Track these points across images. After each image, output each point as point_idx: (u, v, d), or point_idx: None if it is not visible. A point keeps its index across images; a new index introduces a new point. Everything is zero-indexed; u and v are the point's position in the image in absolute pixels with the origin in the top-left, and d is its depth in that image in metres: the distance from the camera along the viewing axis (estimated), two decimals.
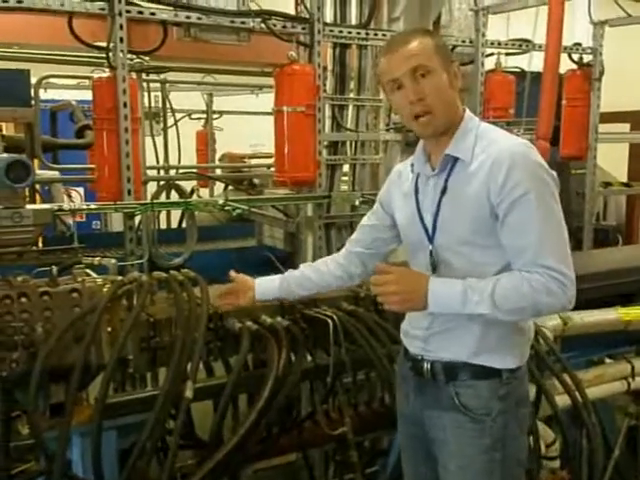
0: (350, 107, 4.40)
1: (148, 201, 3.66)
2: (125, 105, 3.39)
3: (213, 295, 2.36)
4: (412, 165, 1.99)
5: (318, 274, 2.21)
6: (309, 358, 2.46)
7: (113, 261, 2.49)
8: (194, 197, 5.35)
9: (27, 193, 5.05)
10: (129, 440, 2.13)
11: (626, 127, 6.63)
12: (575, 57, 5.23)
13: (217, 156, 7.60)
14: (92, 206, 3.42)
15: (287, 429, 2.49)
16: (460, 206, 1.83)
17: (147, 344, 2.22)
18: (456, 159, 1.85)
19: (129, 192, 3.45)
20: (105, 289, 2.21)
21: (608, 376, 2.98)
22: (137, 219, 3.78)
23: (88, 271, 2.33)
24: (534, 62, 4.70)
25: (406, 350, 2.03)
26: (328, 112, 4.25)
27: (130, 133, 3.43)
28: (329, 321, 2.35)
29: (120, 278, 2.29)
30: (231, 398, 2.27)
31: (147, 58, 4.34)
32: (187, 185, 5.57)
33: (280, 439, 2.48)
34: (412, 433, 2.06)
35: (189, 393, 2.01)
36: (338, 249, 2.32)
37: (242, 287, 2.26)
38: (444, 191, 1.87)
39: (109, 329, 2.17)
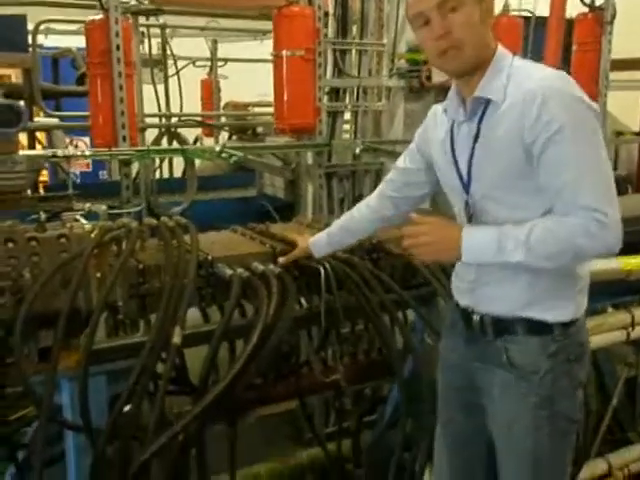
0: (352, 52, 4.28)
1: (143, 147, 3.60)
2: (118, 48, 3.31)
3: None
4: (445, 111, 1.89)
5: (354, 223, 2.27)
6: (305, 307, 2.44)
7: (103, 207, 2.46)
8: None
9: (26, 141, 5.04)
10: (121, 386, 2.12)
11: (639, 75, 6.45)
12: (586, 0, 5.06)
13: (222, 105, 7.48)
14: (86, 153, 3.38)
15: (284, 376, 2.49)
16: (493, 150, 1.73)
17: (136, 290, 2.20)
18: (488, 101, 1.74)
19: (124, 139, 3.39)
20: (93, 235, 2.18)
21: (608, 325, 2.95)
22: (135, 167, 3.73)
23: (77, 217, 2.30)
24: (540, 8, 4.55)
25: (457, 303, 1.97)
26: (330, 58, 4.14)
27: (124, 78, 3.36)
28: (321, 269, 2.32)
29: (109, 223, 2.25)
30: (229, 344, 2.25)
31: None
32: (191, 135, 5.53)
33: (277, 386, 2.48)
34: (454, 383, 2.01)
35: (177, 339, 1.99)
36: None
37: (303, 254, 2.39)
38: (477, 137, 1.77)
39: (98, 275, 2.15)
